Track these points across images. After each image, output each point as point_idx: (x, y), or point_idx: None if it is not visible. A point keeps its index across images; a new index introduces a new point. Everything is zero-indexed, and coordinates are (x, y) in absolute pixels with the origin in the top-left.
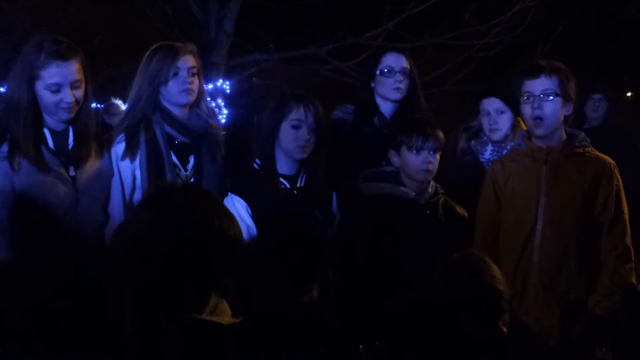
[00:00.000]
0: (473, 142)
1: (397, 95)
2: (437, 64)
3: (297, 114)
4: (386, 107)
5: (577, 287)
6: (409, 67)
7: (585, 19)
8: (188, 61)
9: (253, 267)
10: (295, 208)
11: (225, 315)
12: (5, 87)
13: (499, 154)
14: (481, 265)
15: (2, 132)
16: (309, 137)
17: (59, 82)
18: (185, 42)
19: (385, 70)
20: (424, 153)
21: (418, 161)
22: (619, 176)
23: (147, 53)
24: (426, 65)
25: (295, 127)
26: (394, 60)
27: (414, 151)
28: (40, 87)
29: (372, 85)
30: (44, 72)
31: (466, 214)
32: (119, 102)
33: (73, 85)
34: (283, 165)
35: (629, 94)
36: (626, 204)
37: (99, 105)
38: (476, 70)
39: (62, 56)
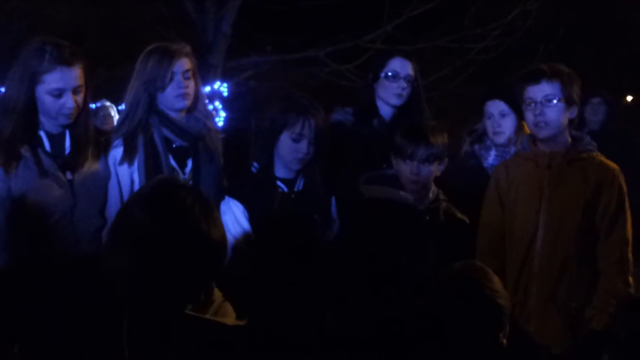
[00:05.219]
0: (477, 146)
1: (397, 101)
2: (437, 67)
3: (298, 127)
4: (386, 110)
5: (578, 295)
6: (413, 74)
7: (585, 23)
8: (183, 64)
9: (250, 271)
10: (293, 211)
11: (229, 317)
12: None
13: (502, 159)
14: (482, 277)
15: None
16: (307, 150)
17: (62, 87)
18: (180, 43)
19: (390, 74)
20: (413, 163)
21: (407, 170)
22: (623, 183)
23: (141, 55)
24: (425, 68)
25: (295, 141)
26: (400, 66)
27: (404, 159)
28: (41, 92)
29: (375, 86)
30: (47, 77)
31: (467, 221)
32: (109, 104)
33: (75, 91)
34: (281, 170)
35: (629, 98)
36: (629, 212)
37: (94, 105)
38: (476, 73)
39: (66, 62)
